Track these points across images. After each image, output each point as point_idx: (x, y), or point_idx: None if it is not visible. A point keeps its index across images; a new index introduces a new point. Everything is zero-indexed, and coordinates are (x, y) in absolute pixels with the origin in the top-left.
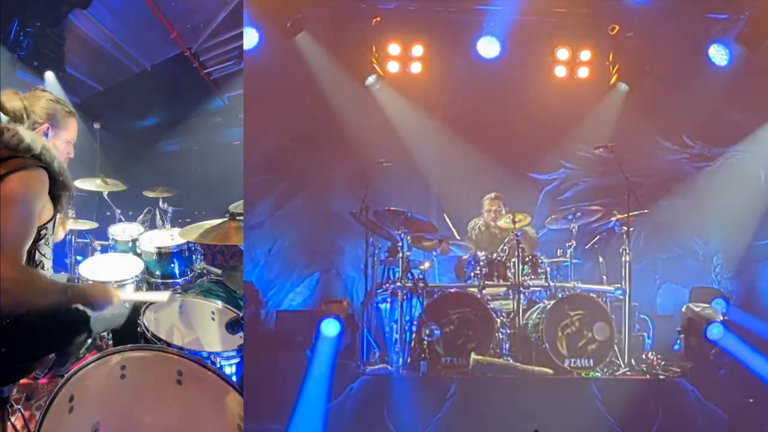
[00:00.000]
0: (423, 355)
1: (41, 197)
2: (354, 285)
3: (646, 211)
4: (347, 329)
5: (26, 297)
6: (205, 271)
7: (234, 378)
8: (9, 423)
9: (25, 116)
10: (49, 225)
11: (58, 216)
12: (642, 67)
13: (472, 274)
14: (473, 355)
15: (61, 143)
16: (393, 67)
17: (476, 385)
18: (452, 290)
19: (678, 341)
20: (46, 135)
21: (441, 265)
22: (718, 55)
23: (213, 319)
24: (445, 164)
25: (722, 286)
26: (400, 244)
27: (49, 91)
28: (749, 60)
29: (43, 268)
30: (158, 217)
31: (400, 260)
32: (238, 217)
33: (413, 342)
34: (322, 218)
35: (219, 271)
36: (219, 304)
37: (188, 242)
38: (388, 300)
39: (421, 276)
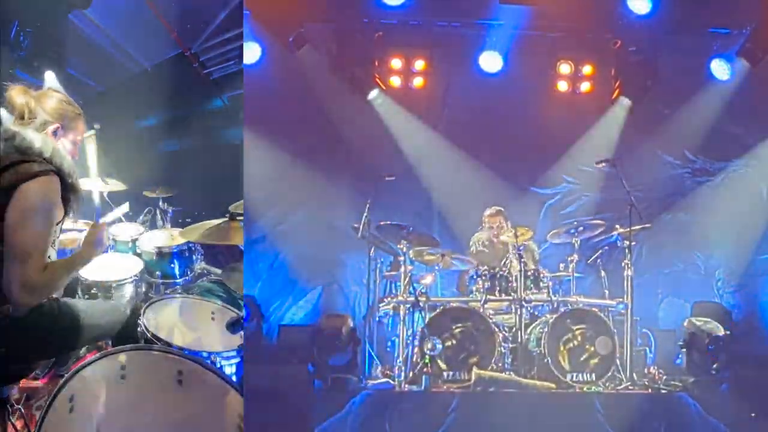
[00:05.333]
0: (425, 370)
1: (57, 203)
2: (356, 299)
3: (648, 225)
4: (349, 344)
5: (51, 291)
6: (205, 271)
7: (234, 378)
8: (9, 423)
9: (29, 113)
10: (58, 227)
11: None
12: (644, 82)
13: (475, 288)
14: (475, 370)
15: (68, 143)
16: (395, 81)
17: (478, 400)
18: (454, 304)
19: (680, 355)
20: (55, 134)
21: (443, 279)
22: (720, 69)
23: (213, 319)
24: (447, 178)
25: (724, 301)
26: (402, 258)
27: (60, 91)
28: (751, 75)
29: None
30: (158, 217)
31: (402, 274)
32: (238, 217)
33: (415, 356)
34: (324, 232)
35: (219, 271)
36: (219, 304)
37: (188, 242)
38: (390, 314)
39: (423, 290)
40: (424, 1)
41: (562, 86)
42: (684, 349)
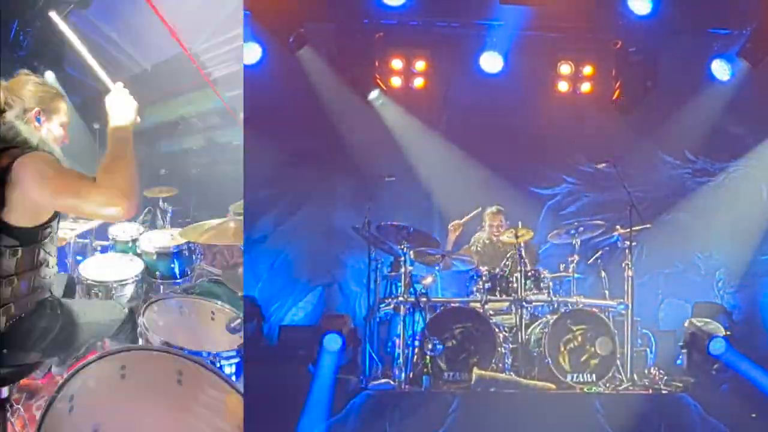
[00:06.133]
0: (425, 370)
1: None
2: (356, 300)
3: (648, 225)
4: (349, 344)
5: (127, 183)
6: (205, 271)
7: (234, 378)
8: (9, 423)
9: (9, 102)
10: (53, 224)
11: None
12: (644, 82)
13: (475, 288)
14: (476, 370)
15: (54, 127)
16: (396, 81)
17: (478, 400)
18: (455, 305)
19: (680, 356)
20: (38, 120)
21: (443, 279)
22: (720, 70)
23: (213, 319)
24: (447, 178)
25: (725, 301)
26: (402, 258)
27: (33, 74)
28: (752, 75)
29: (48, 266)
30: (158, 217)
31: (403, 275)
32: (238, 217)
33: (415, 357)
34: (325, 233)
35: (219, 271)
36: (219, 304)
37: (188, 242)
38: (391, 315)
39: (423, 291)
40: (424, 2)
41: (563, 86)
42: (684, 350)
